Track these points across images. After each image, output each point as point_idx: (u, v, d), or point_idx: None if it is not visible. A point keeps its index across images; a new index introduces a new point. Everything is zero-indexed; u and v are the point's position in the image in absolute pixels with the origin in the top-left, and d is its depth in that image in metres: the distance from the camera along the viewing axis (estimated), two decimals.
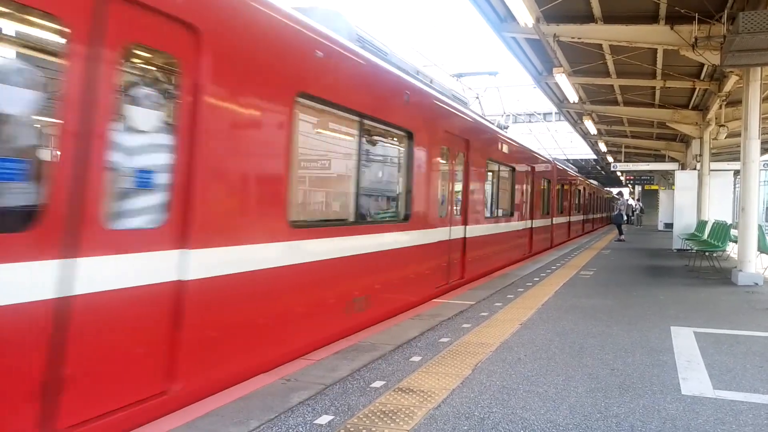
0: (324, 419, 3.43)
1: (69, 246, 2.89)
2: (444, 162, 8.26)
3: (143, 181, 3.46)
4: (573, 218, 23.37)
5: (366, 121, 5.99)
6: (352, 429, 3.30)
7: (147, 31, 3.31)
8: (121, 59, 3.21)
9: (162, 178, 3.52)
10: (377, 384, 4.10)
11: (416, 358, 4.77)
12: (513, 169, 12.67)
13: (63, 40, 2.89)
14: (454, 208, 8.88)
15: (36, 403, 2.75)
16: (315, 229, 5.18)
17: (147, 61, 3.83)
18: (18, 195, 2.96)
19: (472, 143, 9.34)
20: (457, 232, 8.77)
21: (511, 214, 12.81)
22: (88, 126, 2.97)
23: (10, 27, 3.44)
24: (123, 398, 3.18)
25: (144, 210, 3.46)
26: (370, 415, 3.52)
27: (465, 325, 6.05)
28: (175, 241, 3.52)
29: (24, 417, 2.72)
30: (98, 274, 3.03)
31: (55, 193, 2.85)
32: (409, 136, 6.91)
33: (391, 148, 7.20)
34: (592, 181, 35.58)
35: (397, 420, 3.44)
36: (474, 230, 9.55)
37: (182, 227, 3.56)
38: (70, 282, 2.88)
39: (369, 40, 6.82)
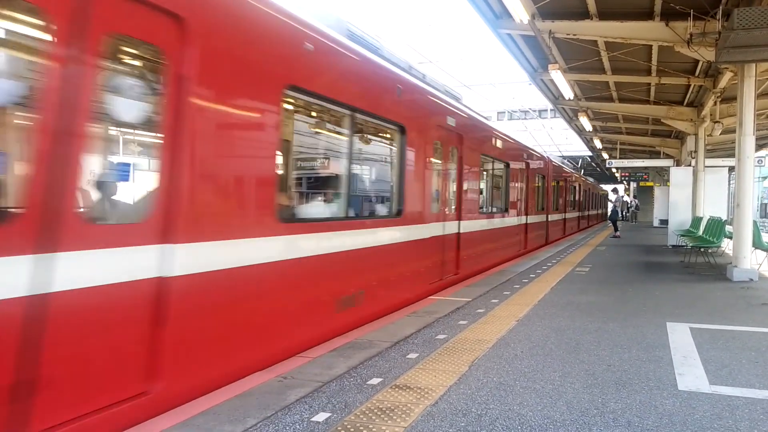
0: (321, 416, 3.42)
1: None
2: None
3: None
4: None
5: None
6: (349, 426, 3.29)
7: None
8: None
9: None
10: (374, 381, 4.09)
11: (413, 355, 4.77)
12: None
13: None
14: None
15: None
16: None
17: None
18: None
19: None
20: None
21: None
22: None
23: None
24: None
25: None
26: (367, 412, 3.51)
27: (461, 322, 6.05)
28: None
29: None
30: None
31: None
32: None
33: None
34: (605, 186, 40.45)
35: (394, 417, 3.44)
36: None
37: None
38: None
39: None
